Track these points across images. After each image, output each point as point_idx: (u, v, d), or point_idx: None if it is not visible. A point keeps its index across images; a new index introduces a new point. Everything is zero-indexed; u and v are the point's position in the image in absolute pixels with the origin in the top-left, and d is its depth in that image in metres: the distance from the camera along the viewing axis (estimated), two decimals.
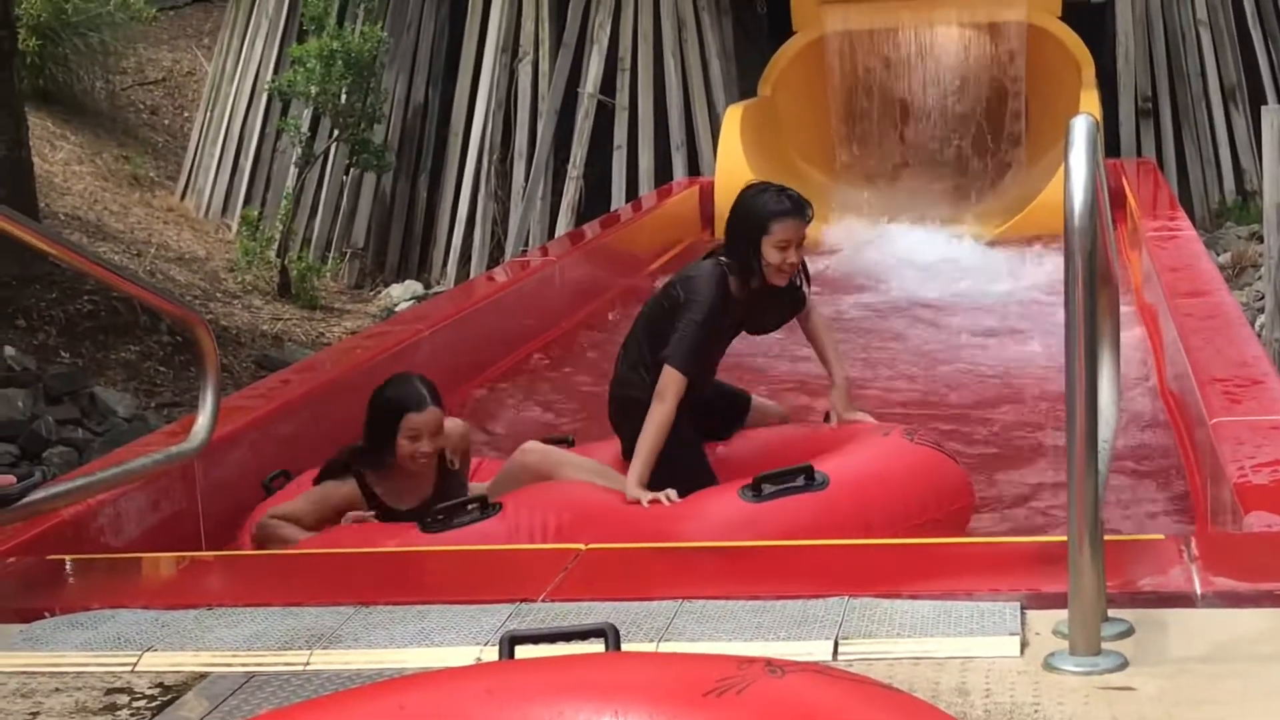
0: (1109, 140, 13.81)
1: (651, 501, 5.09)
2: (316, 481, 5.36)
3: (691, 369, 5.33)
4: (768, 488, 4.97)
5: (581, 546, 4.17)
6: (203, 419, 4.71)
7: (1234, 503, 4.29)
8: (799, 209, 5.43)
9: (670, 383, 5.28)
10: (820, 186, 14.21)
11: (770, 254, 5.37)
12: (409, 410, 5.12)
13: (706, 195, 13.03)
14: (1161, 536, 4.00)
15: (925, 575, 3.82)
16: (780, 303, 5.64)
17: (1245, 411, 5.11)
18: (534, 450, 5.53)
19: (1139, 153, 14.32)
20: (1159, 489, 5.91)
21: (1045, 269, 10.28)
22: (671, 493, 5.12)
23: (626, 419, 5.52)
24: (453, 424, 5.46)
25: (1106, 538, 3.17)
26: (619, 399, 5.62)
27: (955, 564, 3.96)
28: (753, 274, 5.44)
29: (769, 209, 5.40)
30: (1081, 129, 3.19)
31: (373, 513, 5.23)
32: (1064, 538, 3.18)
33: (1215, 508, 4.76)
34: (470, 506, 5.05)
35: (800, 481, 4.99)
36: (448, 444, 5.31)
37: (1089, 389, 3.07)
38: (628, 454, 5.41)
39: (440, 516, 5.00)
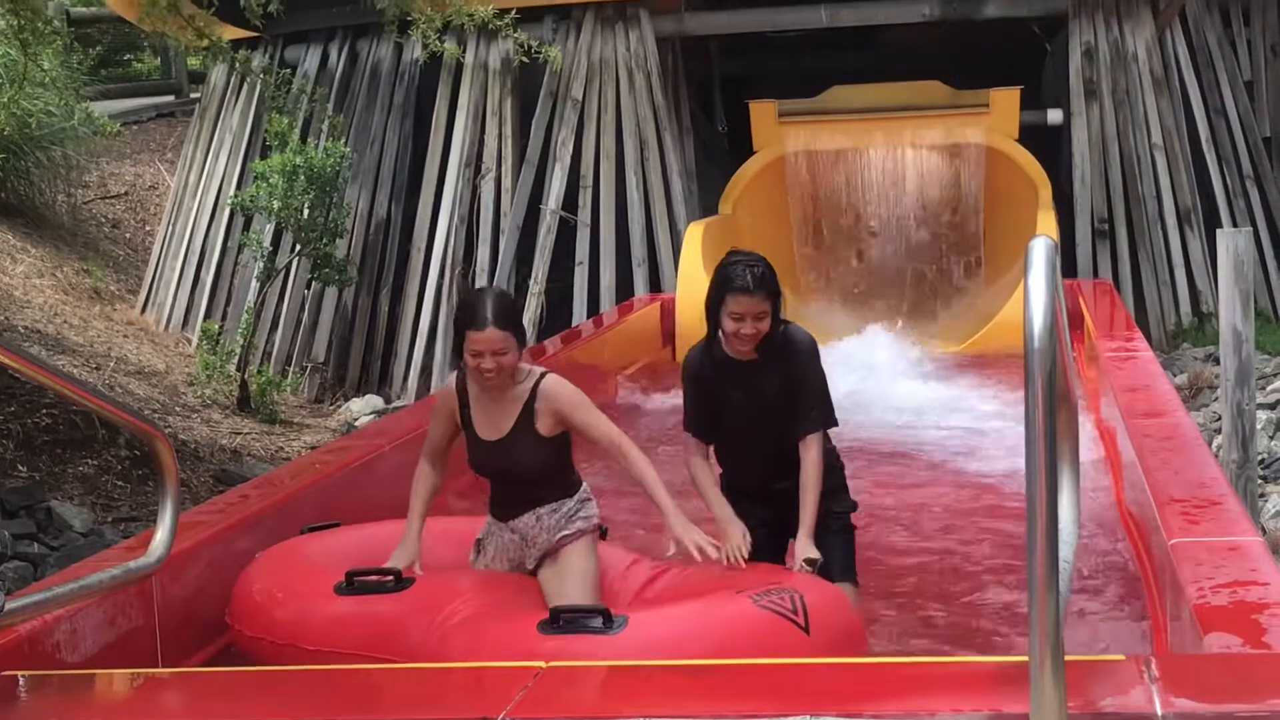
0: (1066, 260, 13.95)
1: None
2: None
3: (692, 426, 5.73)
4: (562, 621, 4.94)
5: (542, 664, 4.15)
6: (161, 534, 4.71)
7: (1194, 623, 4.30)
8: (751, 286, 5.41)
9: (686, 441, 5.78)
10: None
11: (726, 323, 5.48)
12: (469, 328, 5.24)
13: (668, 312, 13.10)
14: (1122, 657, 3.99)
15: (887, 694, 3.81)
16: (763, 370, 5.59)
17: (1204, 532, 5.13)
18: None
19: (1096, 273, 14.45)
20: (1119, 609, 5.91)
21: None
22: (734, 547, 5.37)
23: None
24: (559, 386, 5.43)
25: (1068, 658, 3.18)
26: None
27: (917, 683, 3.95)
28: (715, 342, 5.57)
29: (726, 283, 5.46)
30: (1041, 251, 3.21)
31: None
32: (1025, 658, 3.18)
33: (1175, 628, 4.76)
34: (386, 577, 5.35)
35: (595, 623, 4.93)
36: (510, 364, 5.29)
37: (1049, 508, 3.09)
38: None
39: (354, 582, 5.34)
